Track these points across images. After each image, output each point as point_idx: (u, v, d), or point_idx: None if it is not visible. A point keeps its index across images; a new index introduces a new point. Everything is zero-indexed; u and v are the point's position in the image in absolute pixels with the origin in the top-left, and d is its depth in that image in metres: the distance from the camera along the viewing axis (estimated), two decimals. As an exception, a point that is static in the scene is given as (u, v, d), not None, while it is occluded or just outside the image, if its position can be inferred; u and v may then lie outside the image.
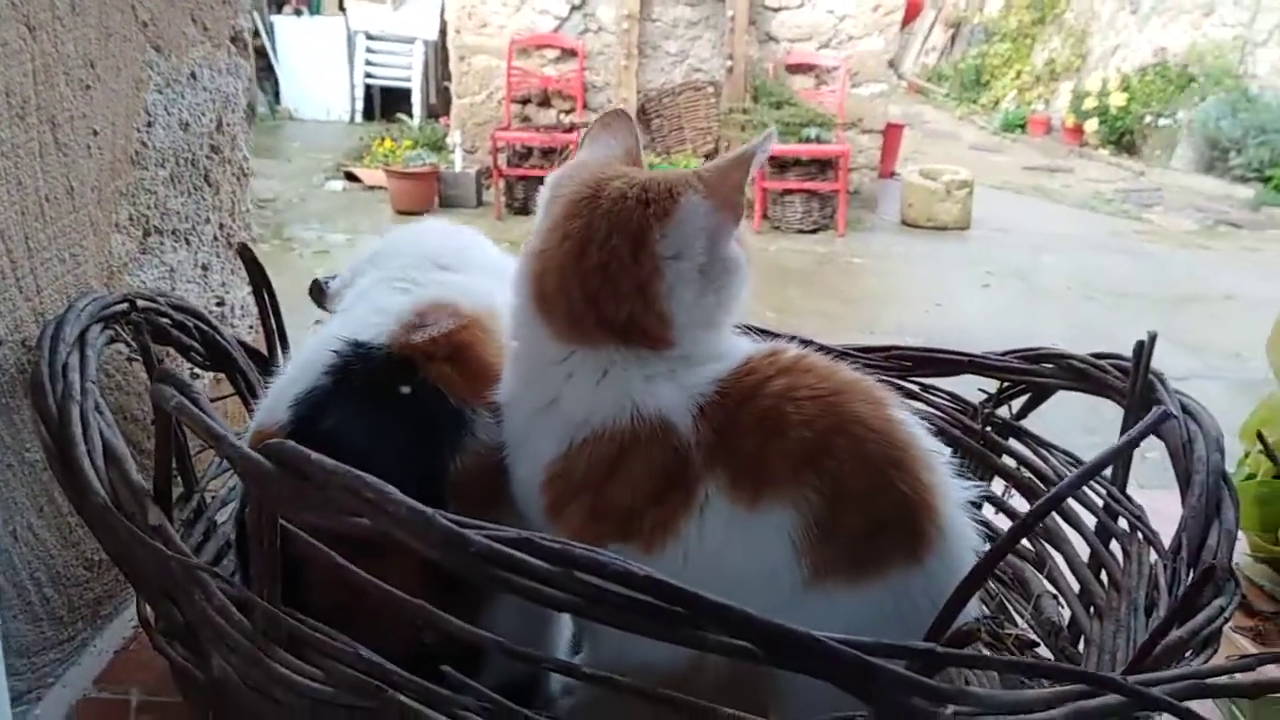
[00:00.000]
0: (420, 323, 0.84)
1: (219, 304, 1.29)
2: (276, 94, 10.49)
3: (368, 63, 10.51)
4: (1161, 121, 10.03)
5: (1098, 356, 1.05)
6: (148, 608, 0.81)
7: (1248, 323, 2.86)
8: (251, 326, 1.34)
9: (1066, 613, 0.96)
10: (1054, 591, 1.00)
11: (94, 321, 0.88)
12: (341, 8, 10.56)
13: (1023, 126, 11.72)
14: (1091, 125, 10.56)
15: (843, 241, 7.14)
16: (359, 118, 10.52)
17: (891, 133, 8.46)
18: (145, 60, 1.09)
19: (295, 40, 10.39)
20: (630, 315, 0.74)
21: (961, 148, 11.10)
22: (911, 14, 11.67)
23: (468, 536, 0.51)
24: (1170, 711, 0.52)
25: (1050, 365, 1.09)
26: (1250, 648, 1.09)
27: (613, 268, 0.74)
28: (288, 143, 9.38)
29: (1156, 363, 0.97)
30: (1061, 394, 1.10)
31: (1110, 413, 1.00)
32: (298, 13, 10.55)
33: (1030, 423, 1.16)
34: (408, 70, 10.43)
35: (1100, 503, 0.97)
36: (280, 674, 0.62)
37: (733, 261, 0.78)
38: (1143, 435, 0.69)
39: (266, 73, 10.30)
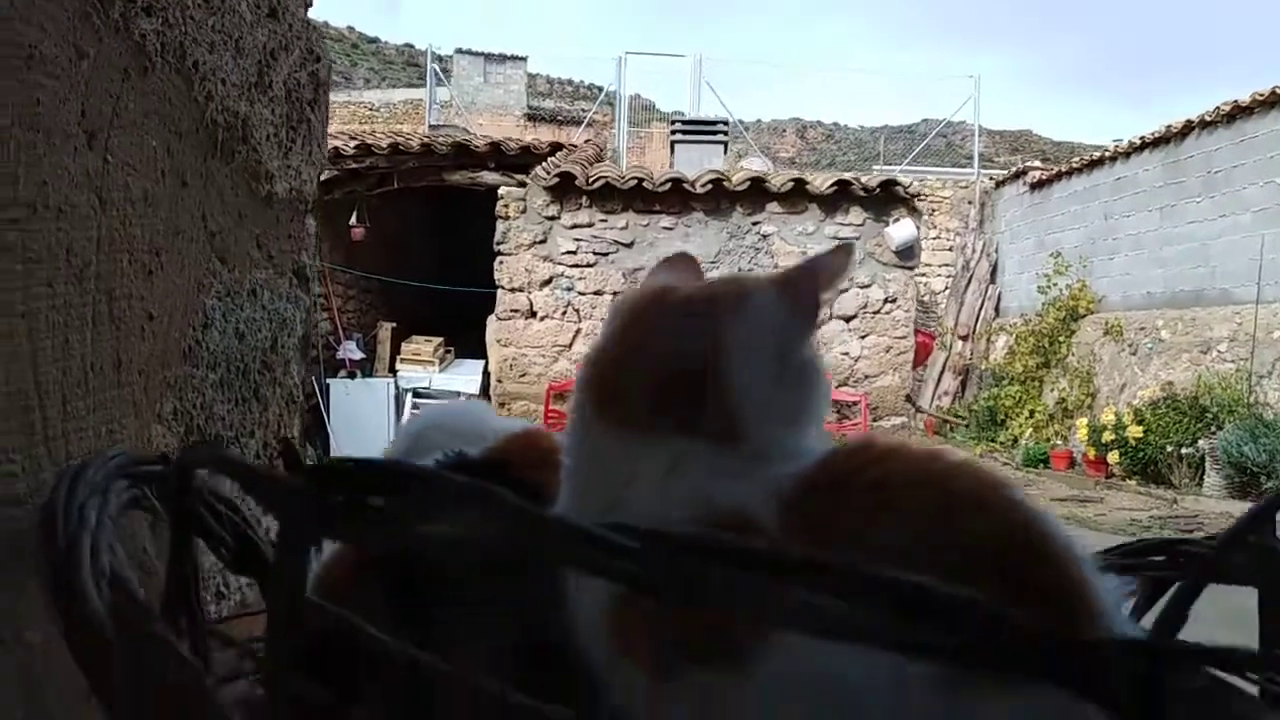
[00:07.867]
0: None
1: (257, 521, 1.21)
2: (326, 448, 10.84)
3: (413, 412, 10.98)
4: (1184, 451, 10.09)
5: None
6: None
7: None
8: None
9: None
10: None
11: (121, 475, 0.81)
12: (393, 370, 11.26)
13: (1045, 461, 11.79)
14: (1114, 457, 10.62)
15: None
16: (399, 463, 10.78)
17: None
18: (209, 266, 1.11)
19: (347, 401, 10.94)
20: (695, 405, 0.68)
21: (988, 483, 11.00)
22: (922, 354, 12.24)
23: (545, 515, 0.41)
24: None
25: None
26: None
27: (677, 359, 0.70)
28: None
29: None
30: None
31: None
32: (351, 376, 11.19)
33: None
34: (452, 418, 10.95)
35: None
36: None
37: (809, 365, 0.74)
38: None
39: (318, 429, 10.72)
